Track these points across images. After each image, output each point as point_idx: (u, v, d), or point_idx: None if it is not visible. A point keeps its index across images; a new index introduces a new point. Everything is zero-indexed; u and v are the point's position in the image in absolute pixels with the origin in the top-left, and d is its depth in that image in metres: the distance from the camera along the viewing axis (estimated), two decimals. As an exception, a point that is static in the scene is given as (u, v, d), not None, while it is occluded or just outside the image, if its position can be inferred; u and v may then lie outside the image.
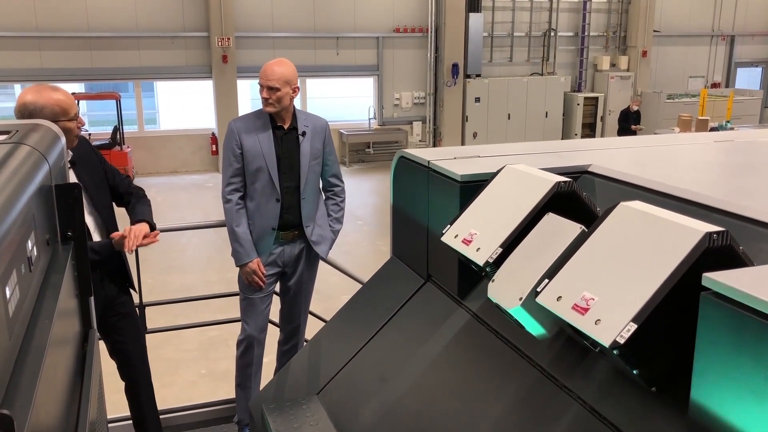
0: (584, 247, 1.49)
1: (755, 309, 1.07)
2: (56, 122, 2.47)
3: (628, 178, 2.00)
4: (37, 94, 2.70)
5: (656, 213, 1.42)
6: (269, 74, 3.32)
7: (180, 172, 14.06)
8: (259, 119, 3.43)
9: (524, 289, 1.56)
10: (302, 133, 3.46)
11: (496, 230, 1.77)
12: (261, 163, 3.38)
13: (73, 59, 12.98)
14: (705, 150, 2.43)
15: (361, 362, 2.22)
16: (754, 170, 2.21)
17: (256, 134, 3.39)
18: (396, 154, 2.52)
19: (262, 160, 3.38)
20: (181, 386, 5.82)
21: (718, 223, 1.40)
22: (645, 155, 2.34)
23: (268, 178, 3.40)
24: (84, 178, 2.86)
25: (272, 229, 3.45)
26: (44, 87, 2.76)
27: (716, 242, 1.29)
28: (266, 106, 3.37)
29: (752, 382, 1.08)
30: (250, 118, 3.46)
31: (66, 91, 2.80)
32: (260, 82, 3.35)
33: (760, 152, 2.42)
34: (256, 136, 3.39)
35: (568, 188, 1.75)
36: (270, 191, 3.41)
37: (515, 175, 1.91)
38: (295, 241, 3.51)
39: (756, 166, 2.27)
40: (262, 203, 3.43)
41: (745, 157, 2.35)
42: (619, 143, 2.52)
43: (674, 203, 1.79)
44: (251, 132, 3.40)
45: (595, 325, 1.32)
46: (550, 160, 2.24)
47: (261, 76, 3.35)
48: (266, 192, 3.42)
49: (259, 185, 3.41)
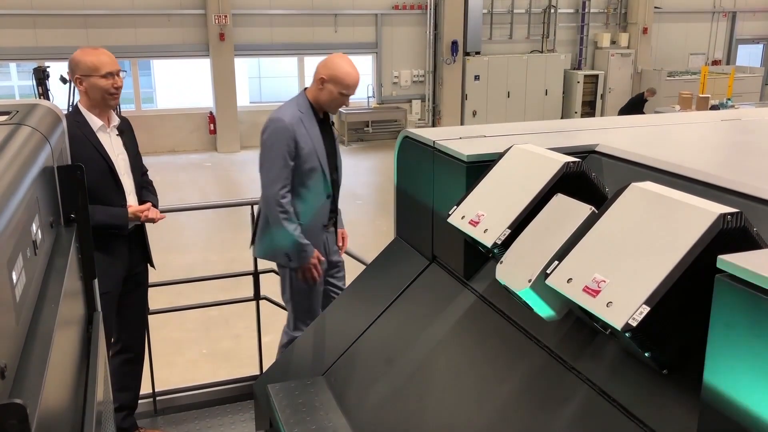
0: (595, 229, 1.47)
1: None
2: (89, 77, 3.02)
3: (636, 158, 1.98)
4: (81, 51, 3.10)
5: (668, 194, 1.40)
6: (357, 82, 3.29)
7: (178, 151, 13.99)
8: (303, 112, 3.25)
9: (534, 271, 1.55)
10: (332, 122, 3.40)
11: (504, 211, 1.75)
12: (315, 163, 3.25)
13: (69, 37, 12.84)
14: (712, 129, 2.40)
15: (366, 343, 2.22)
16: (763, 150, 2.19)
17: (308, 131, 3.24)
18: (400, 134, 2.49)
19: (316, 160, 3.25)
20: (182, 366, 5.83)
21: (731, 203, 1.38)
22: (651, 135, 2.32)
23: (321, 176, 3.27)
24: (127, 144, 3.23)
25: (323, 226, 3.36)
26: (91, 47, 3.14)
27: (730, 224, 1.28)
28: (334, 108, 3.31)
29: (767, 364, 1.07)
30: (295, 112, 3.26)
31: (107, 52, 3.13)
32: (350, 92, 3.26)
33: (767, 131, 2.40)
34: (308, 134, 3.24)
35: (577, 168, 1.73)
36: (322, 189, 3.29)
37: (523, 156, 1.88)
38: (330, 229, 3.46)
39: (764, 146, 2.25)
40: (315, 203, 3.29)
41: (753, 137, 2.33)
42: (623, 122, 2.49)
43: (685, 183, 1.77)
44: (302, 129, 3.23)
45: (607, 308, 1.31)
46: (557, 140, 2.21)
47: (347, 85, 3.23)
48: (318, 190, 3.28)
49: (311, 184, 3.27)
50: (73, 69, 3.07)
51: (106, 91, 3.06)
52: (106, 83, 3.05)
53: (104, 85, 3.05)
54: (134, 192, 3.24)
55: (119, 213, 3.11)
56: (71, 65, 3.08)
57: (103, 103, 3.08)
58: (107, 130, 3.12)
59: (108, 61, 3.07)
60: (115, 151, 3.13)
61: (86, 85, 3.04)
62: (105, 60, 3.07)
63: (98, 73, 3.04)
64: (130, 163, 3.23)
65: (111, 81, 3.06)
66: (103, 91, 3.05)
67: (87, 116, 3.07)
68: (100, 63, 3.04)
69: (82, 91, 3.07)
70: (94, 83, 3.03)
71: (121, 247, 3.19)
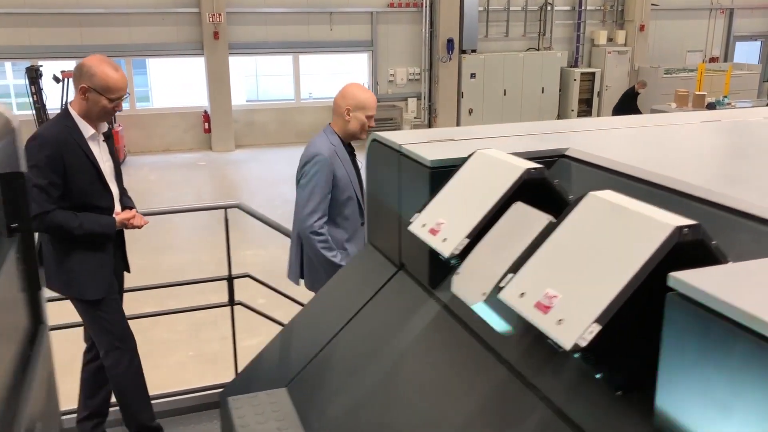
0: (550, 240, 1.40)
1: (721, 313, 0.98)
2: (98, 94, 2.96)
3: (605, 163, 1.91)
4: (99, 62, 3.02)
5: (625, 204, 1.33)
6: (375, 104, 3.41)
7: (172, 150, 13.92)
8: (335, 144, 3.40)
9: (488, 284, 1.48)
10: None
11: (464, 220, 1.68)
12: (351, 192, 3.39)
13: (63, 36, 12.79)
14: (691, 131, 2.33)
15: (330, 354, 2.15)
16: (741, 153, 2.11)
17: (342, 163, 3.40)
18: (369, 137, 2.42)
19: (351, 189, 3.39)
20: (168, 369, 5.77)
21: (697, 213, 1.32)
22: (627, 137, 2.25)
23: (357, 204, 3.41)
24: (112, 150, 3.24)
25: None
26: (108, 61, 3.07)
27: (687, 237, 1.21)
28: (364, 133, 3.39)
29: (717, 391, 1.00)
30: (329, 145, 3.40)
31: (124, 74, 3.09)
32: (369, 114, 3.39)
33: (747, 132, 2.32)
34: (343, 165, 3.39)
35: (539, 175, 1.66)
36: (358, 217, 3.42)
37: (485, 161, 1.81)
38: None
39: (743, 149, 2.18)
40: (355, 231, 3.42)
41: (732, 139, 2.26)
42: (601, 124, 2.42)
43: (653, 190, 1.70)
44: (337, 160, 3.38)
45: (557, 326, 1.24)
46: (528, 143, 2.14)
47: (370, 107, 3.39)
48: (355, 218, 3.42)
49: (349, 212, 3.40)
50: (84, 76, 2.99)
51: (107, 112, 3.06)
52: (110, 105, 3.03)
53: (108, 108, 3.04)
54: (118, 198, 3.29)
55: (108, 222, 3.14)
56: (83, 70, 3.00)
57: (96, 118, 3.08)
58: (96, 137, 3.11)
59: (123, 87, 3.06)
60: (102, 158, 3.15)
61: (91, 98, 3.01)
62: (121, 85, 3.04)
63: (110, 94, 3.00)
64: (115, 169, 3.26)
65: (115, 104, 3.05)
66: (104, 111, 3.04)
67: (79, 123, 3.05)
68: (116, 87, 3.01)
69: (82, 99, 3.01)
70: (100, 101, 3.00)
71: (107, 254, 3.20)
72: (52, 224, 2.96)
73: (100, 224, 3.09)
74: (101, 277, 3.15)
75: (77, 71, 3.02)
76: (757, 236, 1.43)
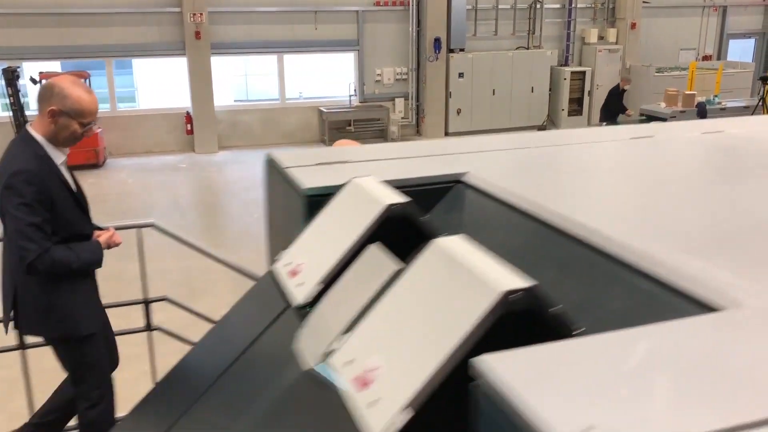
0: (389, 295, 1.20)
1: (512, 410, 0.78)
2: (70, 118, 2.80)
3: (499, 192, 1.71)
4: (71, 83, 2.85)
5: (463, 257, 1.13)
6: None
7: (155, 152, 13.71)
8: None
9: (327, 344, 1.28)
10: None
11: (322, 261, 1.48)
12: None
13: (42, 37, 12.57)
14: (609, 152, 2.12)
15: (207, 403, 1.95)
16: (652, 182, 1.90)
17: None
18: (265, 156, 2.22)
19: None
20: (119, 385, 5.57)
21: (579, 256, 1.11)
22: (538, 159, 2.04)
23: None
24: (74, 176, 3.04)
25: None
26: (81, 82, 2.94)
27: (518, 304, 1.00)
28: None
29: None
30: None
31: (95, 97, 2.95)
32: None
33: (670, 152, 2.11)
34: None
35: (401, 212, 1.46)
36: None
37: (357, 192, 1.61)
38: None
39: (662, 174, 1.97)
40: None
41: (650, 160, 2.05)
42: (514, 143, 2.21)
43: (539, 227, 1.50)
44: None
45: (369, 408, 1.04)
46: (425, 167, 1.94)
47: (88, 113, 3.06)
48: None
49: None
50: (55, 98, 2.80)
51: (76, 137, 2.89)
52: (81, 131, 2.88)
53: (78, 133, 2.87)
54: None
55: (97, 247, 3.01)
56: (54, 92, 2.81)
57: (63, 143, 2.90)
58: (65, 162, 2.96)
59: (96, 111, 2.93)
60: (71, 183, 3.01)
61: (61, 122, 2.81)
62: (95, 109, 2.91)
63: (82, 119, 2.85)
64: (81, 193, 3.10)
65: (86, 129, 2.90)
66: (74, 136, 2.88)
67: (47, 149, 2.86)
68: (90, 111, 2.87)
69: (50, 122, 2.81)
70: (70, 125, 2.83)
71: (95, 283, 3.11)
72: (53, 262, 2.80)
73: (91, 251, 2.97)
74: (94, 308, 3.06)
75: (46, 92, 2.83)
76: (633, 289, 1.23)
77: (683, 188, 1.80)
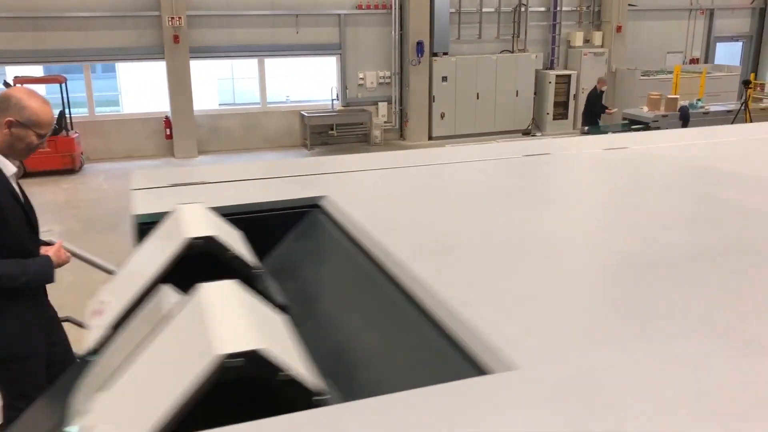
0: (143, 354, 1.05)
1: None
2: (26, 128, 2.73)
3: (343, 220, 1.56)
4: (29, 95, 2.81)
5: (202, 312, 0.98)
6: None
7: (134, 157, 13.56)
8: None
9: (85, 401, 1.13)
10: None
11: (120, 301, 1.34)
12: None
13: (17, 41, 12.44)
14: (472, 174, 1.96)
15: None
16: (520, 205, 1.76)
17: None
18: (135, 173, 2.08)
19: None
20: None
21: (389, 296, 0.96)
22: (401, 180, 1.89)
23: None
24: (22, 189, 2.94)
25: None
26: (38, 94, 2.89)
27: (234, 371, 0.86)
28: None
29: None
30: None
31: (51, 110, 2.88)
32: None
33: (549, 175, 1.96)
34: None
35: (204, 247, 1.31)
36: None
37: (175, 222, 1.46)
38: None
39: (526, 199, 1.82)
40: None
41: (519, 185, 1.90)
42: (386, 161, 2.06)
43: (368, 262, 1.35)
44: None
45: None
46: (286, 189, 1.79)
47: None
48: None
49: None
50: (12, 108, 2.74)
51: (31, 148, 2.82)
52: (37, 142, 2.82)
53: (34, 144, 2.81)
54: None
55: (48, 261, 2.87)
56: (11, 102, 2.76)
57: (18, 155, 2.81)
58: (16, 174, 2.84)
59: (52, 122, 2.88)
60: (21, 197, 2.90)
61: (16, 132, 2.72)
62: (51, 120, 2.86)
63: (39, 129, 2.79)
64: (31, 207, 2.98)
65: (41, 141, 2.84)
66: (29, 147, 2.81)
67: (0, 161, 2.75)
68: (47, 122, 2.81)
69: (7, 133, 2.72)
70: (27, 136, 2.76)
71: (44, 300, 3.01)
72: None
73: (41, 264, 2.84)
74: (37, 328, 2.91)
75: (2, 103, 2.76)
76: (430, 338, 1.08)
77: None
